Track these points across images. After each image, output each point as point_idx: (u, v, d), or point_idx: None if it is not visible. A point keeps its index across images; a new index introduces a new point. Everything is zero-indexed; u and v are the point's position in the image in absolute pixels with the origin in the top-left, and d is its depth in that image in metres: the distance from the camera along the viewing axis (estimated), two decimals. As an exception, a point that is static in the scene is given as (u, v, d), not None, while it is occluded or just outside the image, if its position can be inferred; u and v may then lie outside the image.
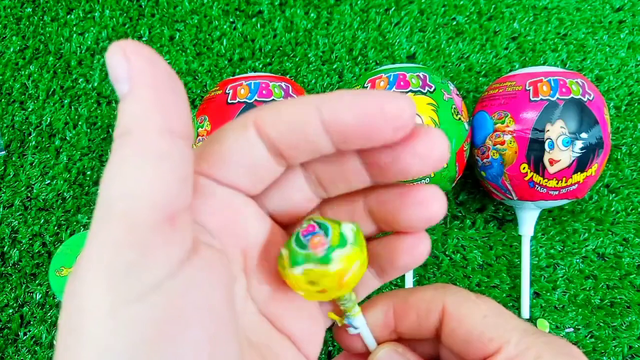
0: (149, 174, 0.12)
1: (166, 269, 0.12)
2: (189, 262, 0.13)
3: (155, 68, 0.13)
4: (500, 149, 0.33)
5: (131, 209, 0.12)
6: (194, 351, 0.13)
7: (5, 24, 0.43)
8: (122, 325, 0.12)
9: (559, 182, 0.33)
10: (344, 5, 0.43)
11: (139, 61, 0.13)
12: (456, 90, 0.35)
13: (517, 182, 0.33)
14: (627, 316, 0.38)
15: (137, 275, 0.12)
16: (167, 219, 0.12)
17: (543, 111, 0.32)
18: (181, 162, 0.13)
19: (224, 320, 0.14)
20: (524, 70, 0.35)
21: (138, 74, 0.12)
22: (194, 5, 0.43)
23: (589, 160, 0.32)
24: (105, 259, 0.12)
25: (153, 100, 0.13)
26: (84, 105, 0.41)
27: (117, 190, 0.12)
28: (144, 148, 0.12)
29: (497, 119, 0.34)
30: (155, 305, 0.12)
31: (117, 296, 0.12)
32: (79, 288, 0.12)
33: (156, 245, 0.12)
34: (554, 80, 0.33)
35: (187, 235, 0.13)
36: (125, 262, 0.12)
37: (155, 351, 0.12)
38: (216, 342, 0.13)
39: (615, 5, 0.44)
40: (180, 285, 0.13)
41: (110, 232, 0.12)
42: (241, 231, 0.17)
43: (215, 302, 0.14)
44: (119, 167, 0.12)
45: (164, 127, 0.13)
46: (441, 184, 0.33)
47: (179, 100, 0.13)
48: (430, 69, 0.34)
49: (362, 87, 0.34)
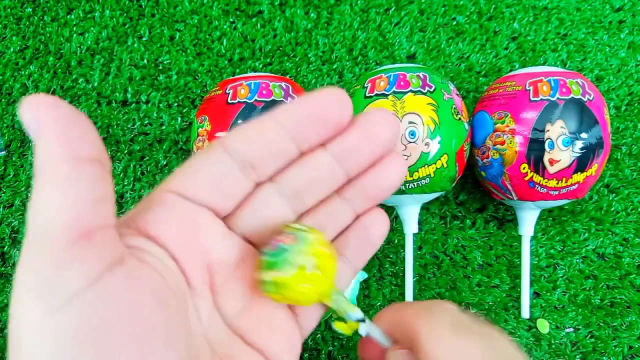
0: (57, 199, 0.14)
1: (83, 280, 0.14)
2: (110, 273, 0.14)
3: (58, 111, 0.14)
4: (500, 149, 0.33)
5: (46, 231, 0.14)
6: (120, 355, 0.14)
7: (5, 24, 0.43)
8: (50, 333, 0.13)
9: (559, 182, 0.33)
10: (344, 5, 0.43)
11: (43, 110, 0.14)
12: (456, 90, 0.35)
13: (517, 182, 0.33)
14: (627, 316, 0.38)
15: (57, 288, 0.13)
16: (81, 236, 0.14)
17: (543, 111, 0.32)
18: (91, 183, 0.15)
19: (154, 325, 0.15)
20: (524, 70, 0.35)
21: (43, 121, 0.14)
22: (194, 5, 0.43)
23: (589, 160, 0.32)
24: (29, 279, 0.14)
25: (56, 137, 0.14)
26: (84, 105, 0.41)
27: (34, 217, 0.14)
28: (51, 177, 0.14)
29: (497, 119, 0.34)
30: (76, 313, 0.14)
31: (42, 308, 0.13)
32: (14, 307, 0.14)
33: (71, 261, 0.14)
34: (554, 80, 0.33)
35: (107, 248, 0.15)
36: (45, 278, 0.13)
37: (81, 355, 0.13)
38: (145, 347, 0.14)
39: (615, 5, 0.44)
40: (100, 293, 0.14)
41: (30, 254, 0.14)
42: (202, 247, 0.18)
43: (142, 309, 0.15)
44: (35, 197, 0.14)
45: (68, 157, 0.14)
46: (441, 184, 0.33)
47: (82, 132, 0.15)
48: (430, 69, 0.34)
49: (362, 87, 0.34)
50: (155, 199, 0.18)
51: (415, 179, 0.32)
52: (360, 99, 0.33)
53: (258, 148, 0.18)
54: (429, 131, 0.32)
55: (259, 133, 0.18)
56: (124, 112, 0.41)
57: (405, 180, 0.32)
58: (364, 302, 0.38)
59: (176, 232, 0.17)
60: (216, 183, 0.18)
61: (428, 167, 0.32)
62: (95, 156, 0.15)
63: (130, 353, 0.14)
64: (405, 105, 0.32)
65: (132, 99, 0.41)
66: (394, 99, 0.32)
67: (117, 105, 0.41)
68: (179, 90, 0.42)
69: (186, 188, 0.18)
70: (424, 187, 0.33)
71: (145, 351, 0.14)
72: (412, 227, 0.36)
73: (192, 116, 0.41)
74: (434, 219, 0.40)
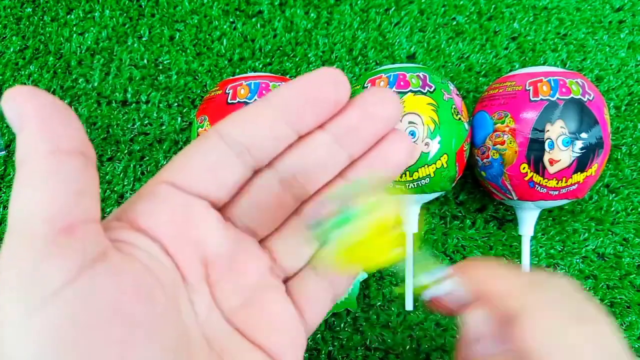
0: (38, 193, 0.14)
1: (63, 277, 0.13)
2: (91, 269, 0.14)
3: (38, 100, 0.14)
4: (500, 149, 0.33)
5: (26, 226, 0.13)
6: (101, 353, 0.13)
7: (5, 24, 0.43)
8: (30, 334, 0.13)
9: (559, 182, 0.33)
10: (344, 5, 0.43)
11: (23, 100, 0.14)
12: (456, 90, 0.35)
13: (517, 182, 0.33)
14: (627, 316, 0.38)
15: (36, 286, 0.13)
16: (62, 231, 0.14)
17: (543, 111, 0.32)
18: (72, 176, 0.14)
19: (137, 321, 0.14)
20: (524, 70, 0.35)
21: (24, 111, 0.14)
22: (194, 5, 0.43)
23: (588, 160, 0.32)
24: (10, 277, 0.13)
25: (37, 129, 0.14)
26: (84, 105, 0.41)
27: (13, 211, 0.14)
28: (31, 171, 0.14)
29: (497, 119, 0.34)
30: (56, 313, 0.13)
31: (22, 308, 0.13)
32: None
33: (51, 256, 0.13)
34: (554, 80, 0.33)
35: (89, 244, 0.14)
36: (25, 276, 0.13)
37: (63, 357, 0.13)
38: (129, 344, 0.14)
39: (615, 5, 0.44)
40: (80, 291, 0.13)
41: (10, 249, 0.13)
42: (197, 239, 0.17)
43: (124, 305, 0.14)
44: (15, 191, 0.14)
45: (48, 150, 0.14)
46: (441, 184, 0.33)
47: (64, 123, 0.14)
48: (430, 69, 0.34)
49: (362, 87, 0.34)
50: (148, 191, 0.17)
51: (415, 179, 0.32)
52: None
53: (254, 134, 0.17)
54: (429, 131, 0.32)
55: (254, 118, 0.17)
56: (124, 112, 0.41)
57: (405, 180, 0.33)
58: (364, 302, 0.38)
59: (168, 224, 0.17)
60: (211, 172, 0.17)
61: (428, 167, 0.32)
62: (78, 148, 0.14)
63: (111, 352, 0.14)
64: (405, 105, 0.32)
65: (132, 99, 0.41)
66: None
67: (117, 105, 0.41)
68: (179, 90, 0.42)
69: (180, 178, 0.17)
70: (424, 187, 0.33)
71: (128, 349, 0.14)
72: (412, 227, 0.36)
73: (192, 116, 0.41)
74: (434, 219, 0.40)
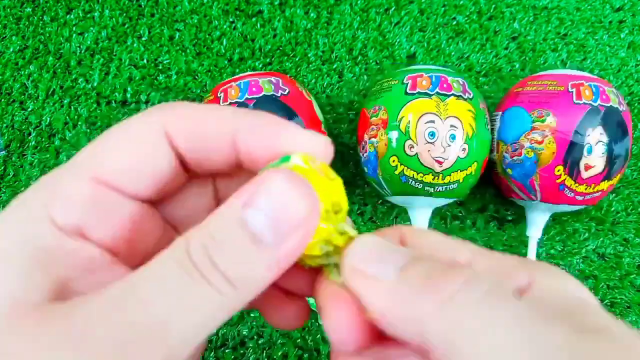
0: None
1: None
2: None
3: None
4: (537, 147, 0.33)
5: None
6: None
7: (5, 24, 0.43)
8: None
9: (588, 187, 0.32)
10: (344, 5, 0.43)
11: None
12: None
13: (547, 183, 0.33)
14: (627, 316, 0.38)
15: None
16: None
17: (586, 115, 0.32)
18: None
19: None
20: (560, 71, 0.35)
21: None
22: (193, 5, 0.43)
23: (615, 170, 0.32)
24: None
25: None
26: (83, 105, 0.41)
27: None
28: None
29: (536, 117, 0.33)
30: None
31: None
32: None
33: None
34: (594, 85, 0.33)
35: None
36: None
37: None
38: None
39: (615, 5, 0.44)
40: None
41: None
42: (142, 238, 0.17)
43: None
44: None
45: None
46: (464, 191, 0.34)
47: None
48: (465, 76, 0.35)
49: (401, 83, 0.33)
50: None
51: (446, 183, 0.32)
52: (400, 95, 0.33)
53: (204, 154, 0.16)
54: (467, 137, 0.32)
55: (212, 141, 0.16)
56: (123, 112, 0.41)
57: (435, 182, 0.32)
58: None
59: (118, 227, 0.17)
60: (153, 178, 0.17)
61: (460, 173, 0.32)
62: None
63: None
64: (448, 108, 0.32)
65: (132, 99, 0.41)
66: (437, 99, 0.32)
67: (117, 105, 0.41)
68: (179, 90, 0.42)
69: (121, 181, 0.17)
70: (450, 192, 0.33)
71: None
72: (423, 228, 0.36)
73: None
74: (434, 219, 0.40)
